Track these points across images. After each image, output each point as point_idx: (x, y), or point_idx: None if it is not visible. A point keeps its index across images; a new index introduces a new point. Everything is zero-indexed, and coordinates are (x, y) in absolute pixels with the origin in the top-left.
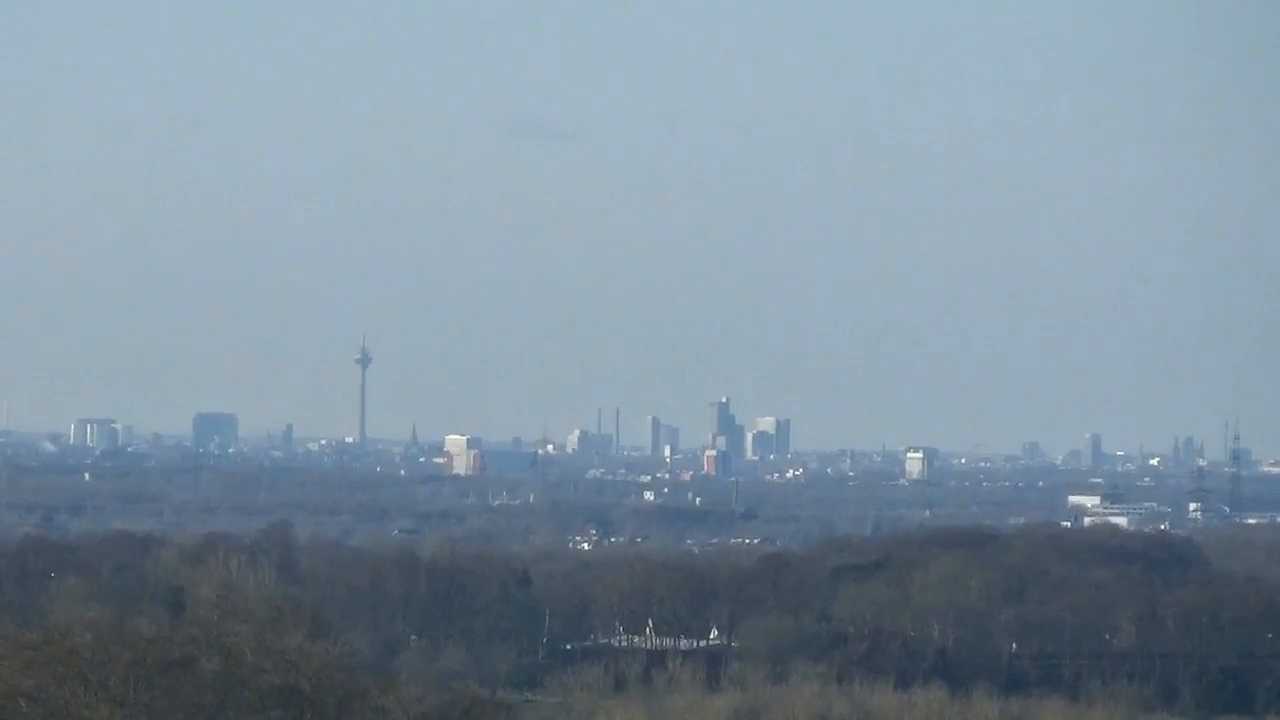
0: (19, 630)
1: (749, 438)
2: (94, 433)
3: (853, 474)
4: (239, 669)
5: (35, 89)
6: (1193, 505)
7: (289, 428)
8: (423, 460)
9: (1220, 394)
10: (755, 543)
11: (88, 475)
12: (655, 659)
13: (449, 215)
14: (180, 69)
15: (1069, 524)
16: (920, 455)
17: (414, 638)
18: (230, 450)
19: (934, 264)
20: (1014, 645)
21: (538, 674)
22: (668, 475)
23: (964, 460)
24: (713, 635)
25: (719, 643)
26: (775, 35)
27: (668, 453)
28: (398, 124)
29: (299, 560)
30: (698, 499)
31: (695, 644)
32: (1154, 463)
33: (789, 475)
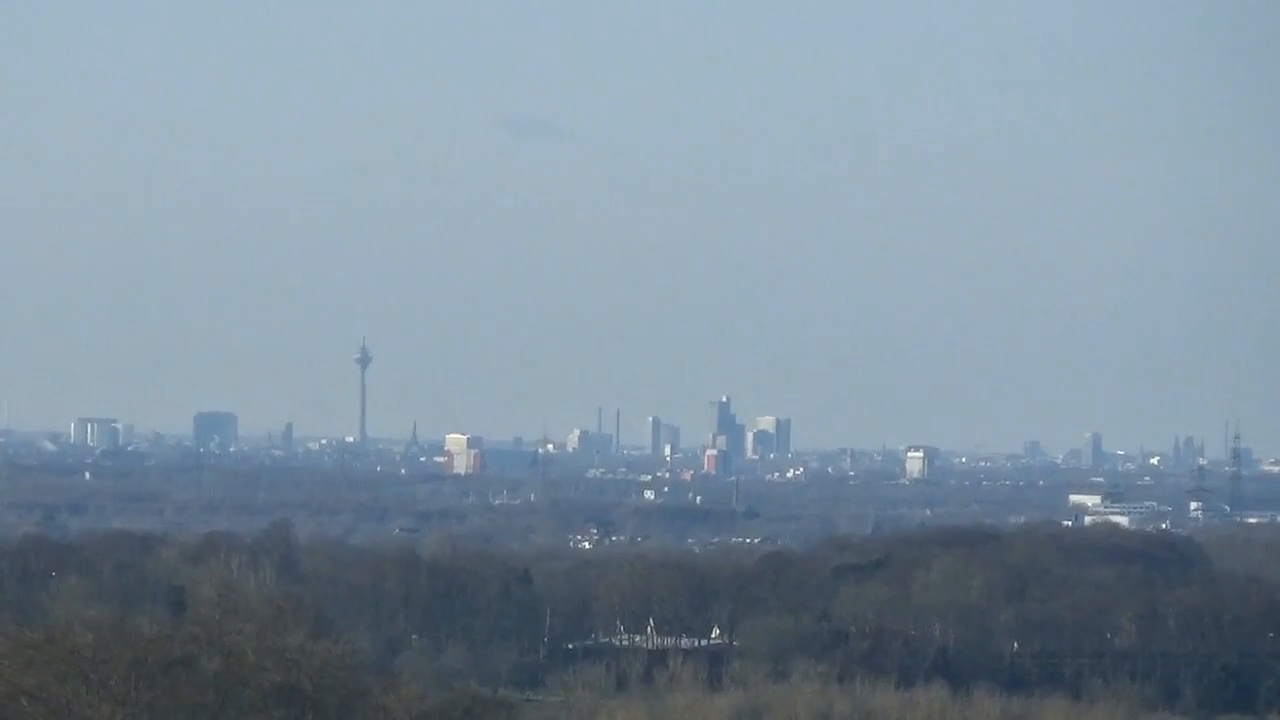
0: (20, 629)
1: (749, 437)
2: (94, 432)
3: (853, 473)
4: (240, 668)
5: (35, 89)
6: (1193, 504)
7: (289, 427)
8: (423, 459)
9: (1221, 393)
10: (756, 542)
11: (88, 474)
12: (656, 658)
13: (449, 215)
14: (180, 69)
15: (1070, 523)
16: (921, 454)
17: (415, 637)
18: (231, 449)
19: (934, 264)
20: (1015, 644)
21: (539, 673)
22: (668, 474)
23: (965, 459)
24: (714, 634)
25: (720, 642)
26: (775, 35)
27: (668, 452)
28: (397, 124)
29: (300, 559)
30: (698, 498)
31: (696, 643)
32: (1155, 462)
33: (789, 474)
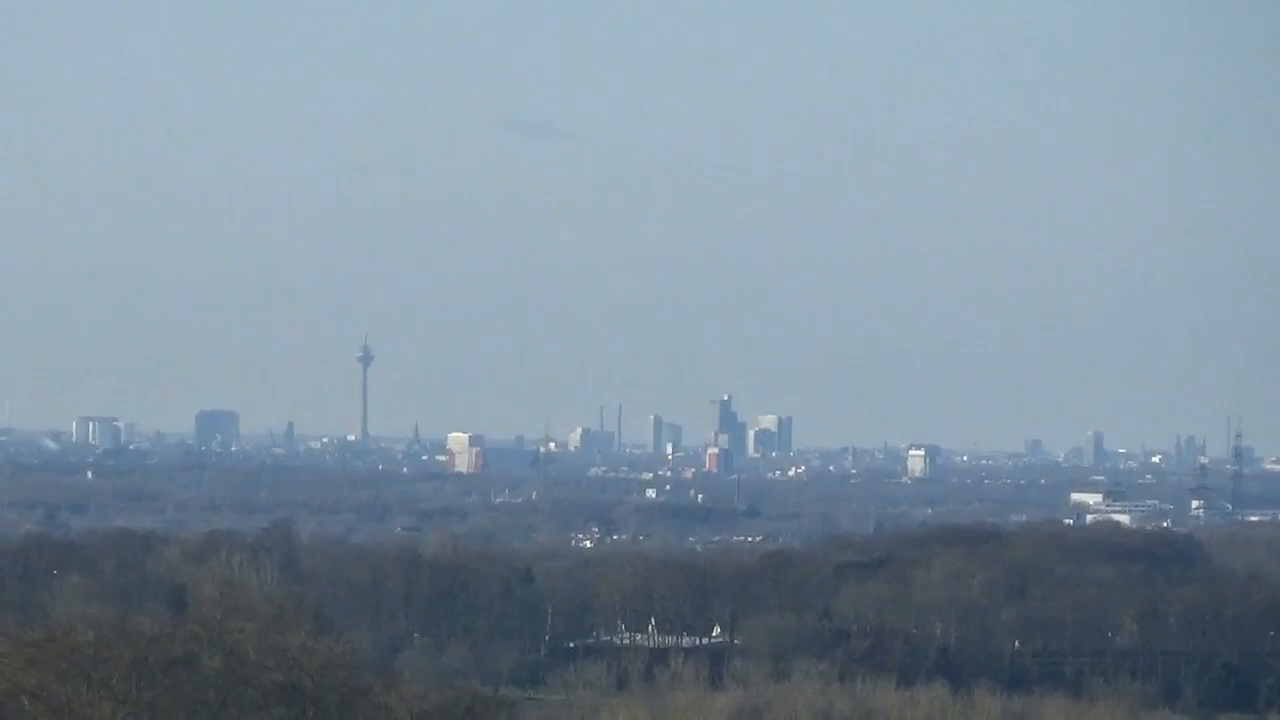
0: (22, 628)
1: (751, 435)
2: (96, 431)
3: (855, 471)
4: (241, 667)
5: (35, 89)
6: (1195, 503)
7: (291, 425)
8: (425, 458)
9: (1222, 392)
10: (757, 540)
11: (90, 473)
12: (657, 656)
13: (449, 215)
14: (180, 69)
15: (1071, 522)
16: (922, 453)
17: (416, 635)
18: (232, 448)
19: (934, 263)
20: (1016, 643)
21: (540, 672)
22: (670, 473)
23: (966, 458)
24: (715, 633)
25: (721, 640)
26: (775, 35)
27: (670, 450)
28: (397, 123)
29: (301, 558)
30: (700, 497)
31: (697, 641)
32: (1156, 460)
33: (791, 473)
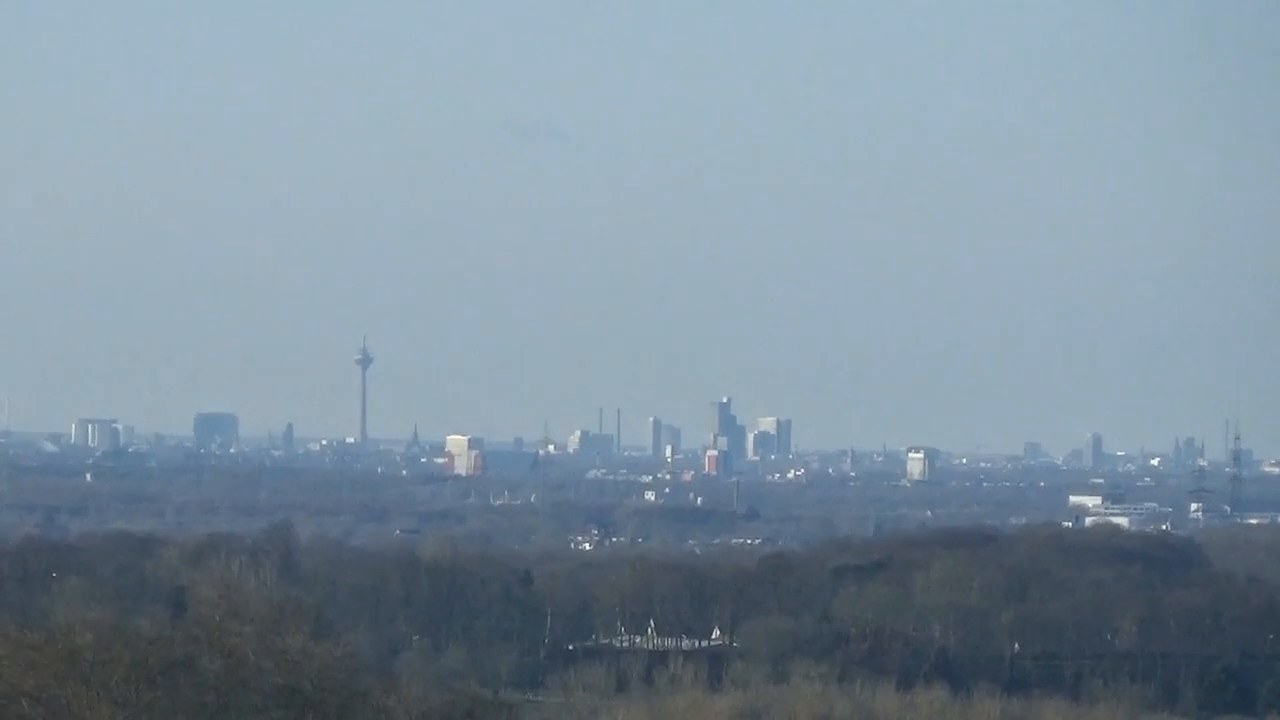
0: (21, 630)
1: (750, 438)
2: (95, 433)
3: (854, 474)
4: (241, 669)
5: (35, 89)
6: (1194, 505)
7: (290, 428)
8: (424, 460)
9: (1221, 394)
10: (756, 543)
11: (89, 475)
12: (657, 659)
13: (448, 216)
14: (181, 69)
15: (1070, 524)
16: (921, 455)
17: (416, 638)
18: (231, 450)
19: (934, 264)
20: (1015, 645)
21: (539, 674)
22: (669, 475)
23: (965, 460)
24: (714, 635)
25: (720, 643)
26: (775, 36)
27: (669, 453)
28: (398, 124)
29: (300, 560)
30: (699, 499)
31: (697, 644)
32: (1155, 463)
33: (790, 475)
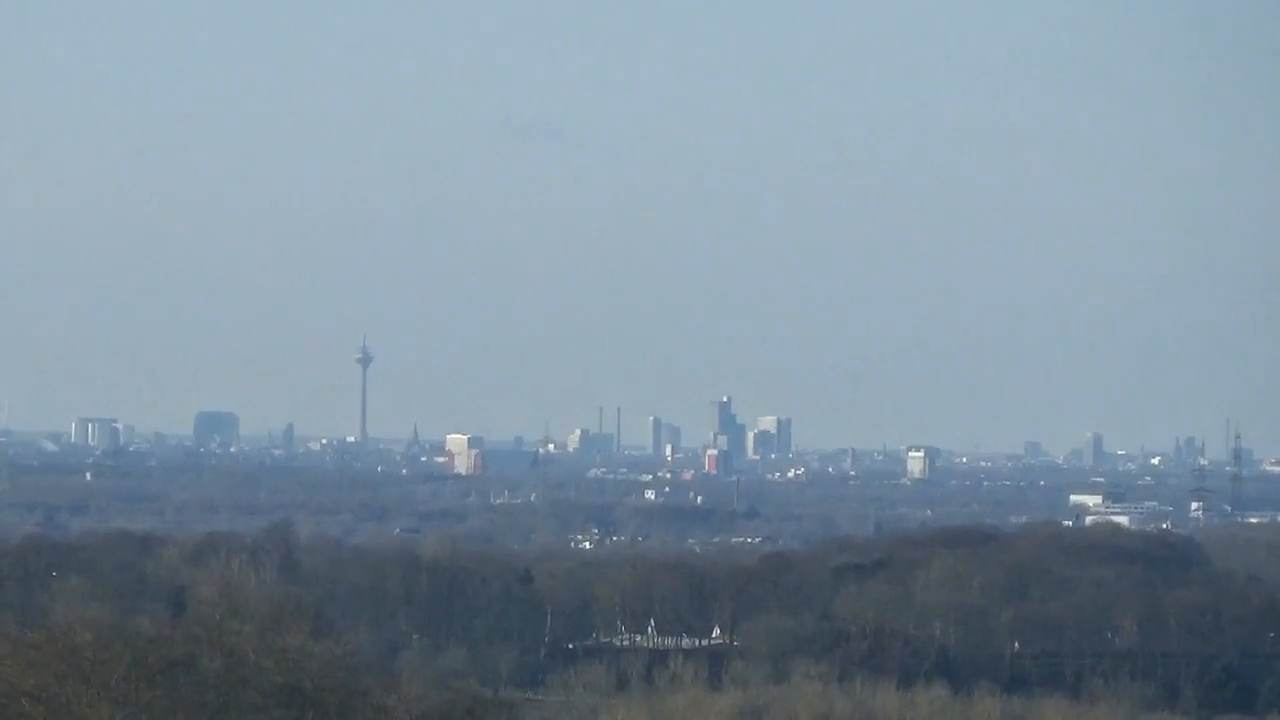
0: (21, 629)
1: (750, 437)
2: (95, 432)
3: (854, 473)
4: (241, 668)
5: (35, 89)
6: (1194, 504)
7: (290, 427)
8: (424, 459)
9: (1221, 393)
10: (757, 542)
11: (89, 474)
12: (657, 658)
13: (449, 216)
14: (181, 69)
15: (1070, 523)
16: (922, 454)
17: (416, 637)
18: (231, 449)
19: (934, 264)
20: (1016, 644)
21: (540, 673)
22: (669, 474)
23: (965, 459)
24: (714, 634)
25: (721, 642)
26: (775, 37)
27: (669, 452)
28: (397, 124)
29: (300, 559)
30: (699, 498)
31: (697, 643)
32: (1155, 462)
33: (790, 474)
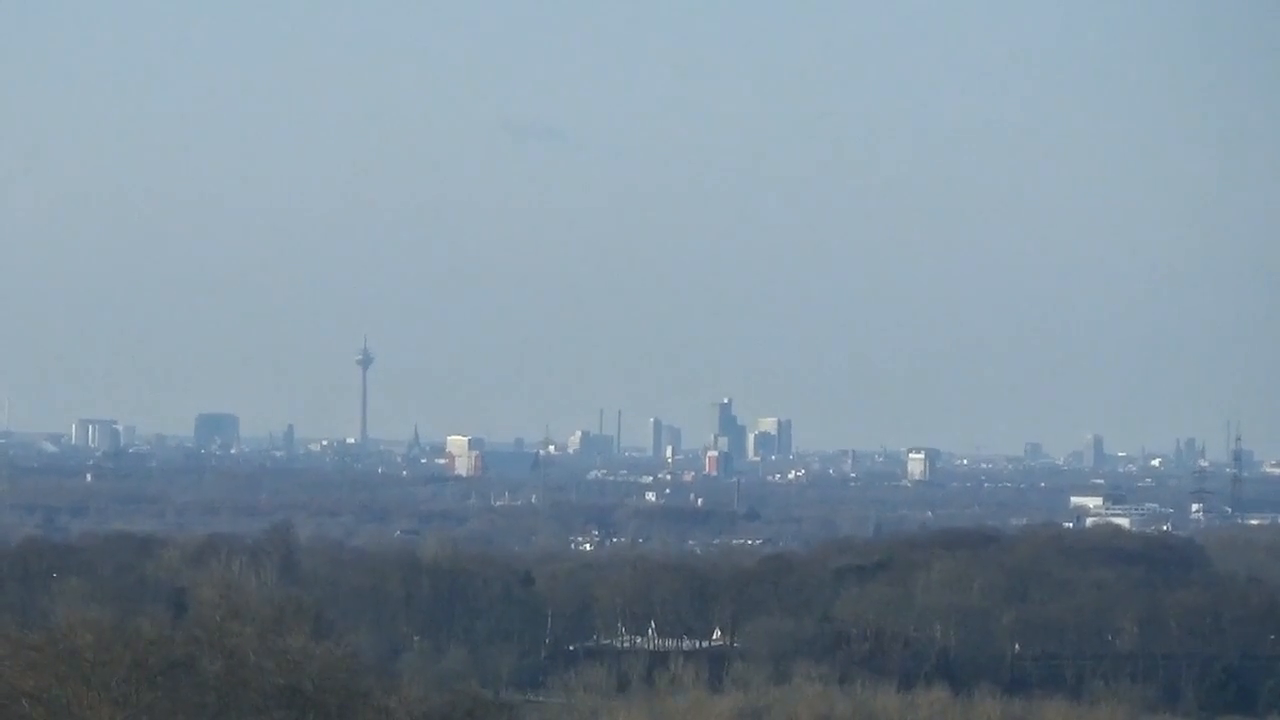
0: (21, 631)
1: (750, 438)
2: (95, 433)
3: (854, 475)
4: (241, 670)
5: (35, 89)
6: (1195, 506)
7: (290, 428)
8: (424, 461)
9: (1222, 395)
10: (757, 543)
11: (89, 476)
12: (657, 660)
13: (449, 216)
14: (181, 69)
15: (1071, 525)
16: (922, 456)
17: (416, 638)
18: (232, 451)
19: (934, 264)
20: (1016, 646)
21: (540, 675)
22: (669, 476)
23: (966, 461)
24: (715, 636)
25: (721, 643)
26: (775, 37)
27: (669, 453)
28: (398, 124)
29: (301, 561)
30: (699, 500)
31: (697, 645)
32: (1156, 464)
33: (791, 476)
